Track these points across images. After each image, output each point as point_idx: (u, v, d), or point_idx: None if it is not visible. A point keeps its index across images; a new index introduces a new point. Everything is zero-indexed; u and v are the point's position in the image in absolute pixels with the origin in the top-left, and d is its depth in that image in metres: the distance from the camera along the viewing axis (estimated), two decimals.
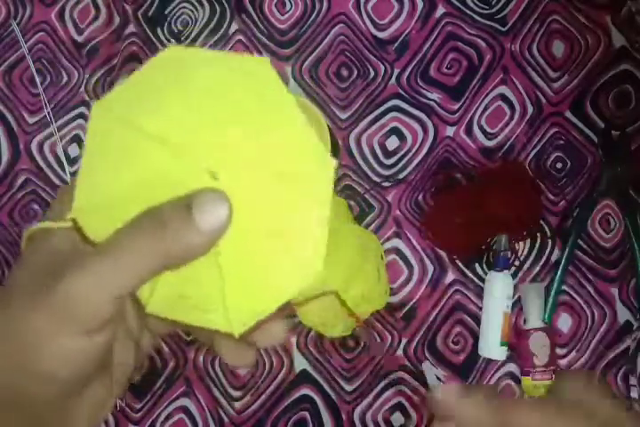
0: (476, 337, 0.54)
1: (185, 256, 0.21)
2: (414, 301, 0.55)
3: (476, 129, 0.57)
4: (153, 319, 0.25)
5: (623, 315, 0.54)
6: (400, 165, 0.57)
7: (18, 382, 0.21)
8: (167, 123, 0.23)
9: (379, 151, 0.57)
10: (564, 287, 0.54)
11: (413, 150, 0.57)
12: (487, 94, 0.57)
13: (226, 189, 0.22)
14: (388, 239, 0.56)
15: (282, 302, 0.23)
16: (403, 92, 0.57)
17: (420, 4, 0.58)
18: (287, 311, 0.23)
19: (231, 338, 0.23)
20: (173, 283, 0.23)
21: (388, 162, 0.57)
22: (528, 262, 0.55)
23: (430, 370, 0.54)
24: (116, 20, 0.60)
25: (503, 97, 0.57)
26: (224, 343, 0.25)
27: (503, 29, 0.57)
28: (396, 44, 0.58)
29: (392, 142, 0.57)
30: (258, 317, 0.23)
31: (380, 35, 0.58)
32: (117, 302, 0.21)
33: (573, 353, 0.54)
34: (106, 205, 0.23)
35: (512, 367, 0.54)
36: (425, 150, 0.57)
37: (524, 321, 0.54)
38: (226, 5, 0.60)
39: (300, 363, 0.55)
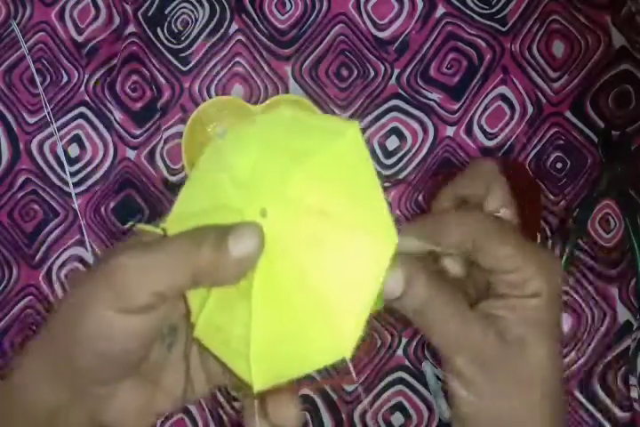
0: None
1: (213, 277, 0.23)
2: None
3: (476, 129, 0.57)
4: (212, 362, 0.27)
5: (623, 315, 0.54)
6: (400, 165, 0.57)
7: (65, 346, 0.23)
8: (245, 162, 0.24)
9: (379, 151, 0.57)
10: (564, 288, 0.54)
11: (413, 150, 0.57)
12: (487, 94, 0.57)
13: (273, 229, 0.23)
14: None
15: (305, 372, 0.22)
16: (403, 92, 0.57)
17: (419, 4, 0.58)
18: (307, 386, 0.24)
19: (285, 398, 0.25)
20: (214, 310, 0.24)
21: (388, 162, 0.57)
22: None
23: (430, 370, 0.54)
24: (116, 20, 0.60)
25: (503, 97, 0.57)
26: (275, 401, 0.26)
27: (503, 29, 0.57)
28: (396, 44, 0.58)
29: (392, 142, 0.57)
30: (278, 379, 0.23)
31: (380, 35, 0.58)
32: (152, 294, 0.22)
33: (573, 353, 0.54)
34: (185, 218, 0.25)
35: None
36: (425, 150, 0.57)
37: None
38: (226, 5, 0.60)
39: None
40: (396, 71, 0.58)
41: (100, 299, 0.22)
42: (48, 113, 0.60)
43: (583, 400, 0.53)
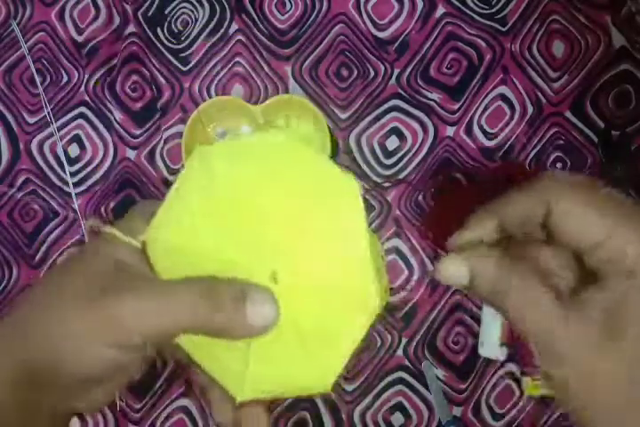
0: (476, 337, 0.54)
1: (221, 335, 0.23)
2: (414, 301, 0.55)
3: (476, 129, 0.57)
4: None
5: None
6: (400, 165, 0.57)
7: (50, 364, 0.23)
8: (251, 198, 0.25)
9: (379, 151, 0.57)
10: None
11: (413, 150, 0.57)
12: (487, 94, 0.57)
13: (281, 293, 0.24)
14: (388, 239, 0.56)
15: (290, 396, 0.25)
16: (403, 92, 0.57)
17: (419, 4, 0.58)
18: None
19: (222, 392, 0.25)
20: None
21: (388, 162, 0.57)
22: None
23: (430, 370, 0.54)
24: (116, 20, 0.60)
25: (503, 97, 0.57)
26: (215, 394, 0.27)
27: (503, 29, 0.57)
28: (396, 44, 0.58)
29: (392, 142, 0.57)
30: (262, 394, 0.25)
31: (380, 35, 0.58)
32: (151, 335, 0.23)
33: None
34: (176, 248, 0.25)
35: (512, 367, 0.54)
36: (425, 150, 0.57)
37: None
38: (226, 5, 0.60)
39: None
40: (396, 71, 0.58)
41: (93, 333, 0.22)
42: (48, 113, 0.60)
43: None
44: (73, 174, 0.59)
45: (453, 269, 0.24)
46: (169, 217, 0.25)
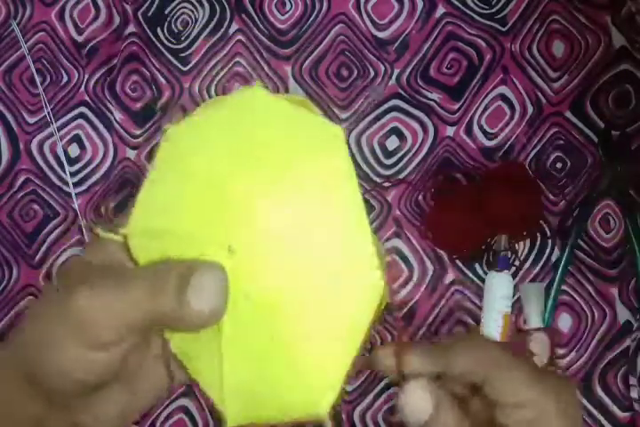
0: None
1: (174, 324, 0.22)
2: (414, 301, 0.55)
3: (476, 129, 0.57)
4: None
5: (623, 315, 0.54)
6: (400, 165, 0.57)
7: (39, 371, 0.23)
8: (213, 172, 0.23)
9: (379, 151, 0.57)
10: (564, 287, 0.54)
11: (413, 150, 0.57)
12: (487, 94, 0.57)
13: (240, 268, 0.22)
14: (388, 239, 0.56)
15: (281, 420, 0.22)
16: (403, 92, 0.57)
17: (419, 4, 0.58)
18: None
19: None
20: (184, 339, 0.23)
21: (388, 162, 0.57)
22: (528, 262, 0.55)
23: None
24: (116, 20, 0.60)
25: (503, 97, 0.57)
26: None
27: (503, 29, 0.57)
28: (396, 44, 0.58)
29: (392, 142, 0.57)
30: (253, 419, 0.22)
31: (380, 35, 0.58)
32: (116, 333, 0.22)
33: (573, 353, 0.54)
34: (147, 231, 0.24)
35: None
36: (425, 150, 0.57)
37: (524, 321, 0.54)
38: (226, 5, 0.60)
39: None
40: (396, 71, 0.58)
41: (66, 337, 0.22)
42: (48, 113, 0.60)
43: (583, 400, 0.53)
44: (73, 174, 0.59)
45: (418, 399, 0.24)
46: (144, 206, 0.24)
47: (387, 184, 0.57)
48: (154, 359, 0.26)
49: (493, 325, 0.53)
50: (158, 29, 0.60)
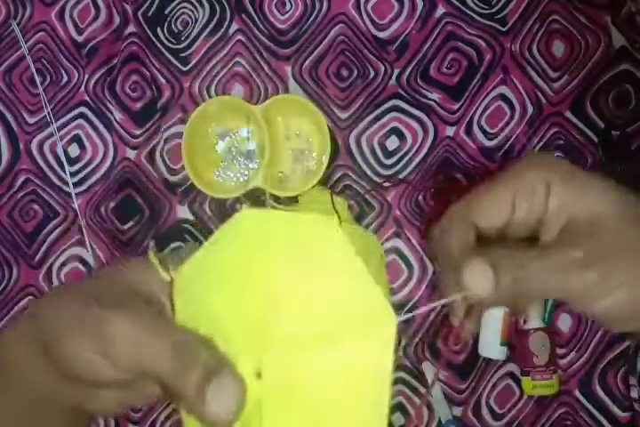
0: (476, 337, 0.54)
1: (184, 406, 0.22)
2: (414, 301, 0.55)
3: (476, 129, 0.57)
4: None
5: None
6: (400, 165, 0.57)
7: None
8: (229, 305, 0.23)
9: (379, 151, 0.57)
10: None
11: (413, 150, 0.57)
12: (487, 94, 0.57)
13: (267, 386, 0.22)
14: (388, 239, 0.56)
15: None
16: (403, 92, 0.57)
17: (419, 4, 0.58)
18: None
19: None
20: None
21: (388, 162, 0.57)
22: None
23: (430, 370, 0.54)
24: (116, 20, 0.60)
25: (503, 97, 0.57)
26: None
27: (503, 29, 0.57)
28: (396, 44, 0.58)
29: (392, 142, 0.57)
30: None
31: (380, 35, 0.58)
32: (134, 369, 0.22)
33: (573, 353, 0.54)
34: (196, 297, 0.24)
35: (512, 367, 0.54)
36: (425, 150, 0.57)
37: (524, 321, 0.54)
38: (226, 5, 0.60)
39: None
40: (396, 71, 0.58)
41: (89, 342, 0.22)
42: (48, 113, 0.60)
43: (583, 400, 0.53)
44: (73, 174, 0.59)
45: (479, 277, 0.25)
46: (197, 267, 0.24)
47: (387, 184, 0.57)
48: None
49: (493, 325, 0.53)
50: (158, 29, 0.60)
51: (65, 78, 0.60)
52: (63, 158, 0.59)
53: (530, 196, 0.28)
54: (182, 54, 0.60)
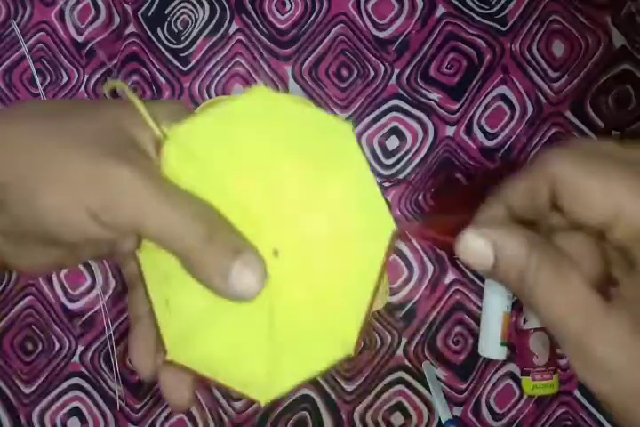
0: (476, 337, 0.54)
1: (196, 273, 0.21)
2: (414, 301, 0.55)
3: (476, 129, 0.57)
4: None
5: None
6: (400, 165, 0.57)
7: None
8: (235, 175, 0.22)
9: (379, 151, 0.57)
10: None
11: (413, 150, 0.57)
12: (487, 94, 0.57)
13: (284, 265, 0.22)
14: None
15: (310, 376, 0.23)
16: (403, 92, 0.57)
17: (419, 4, 0.58)
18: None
19: (176, 372, 0.23)
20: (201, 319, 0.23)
21: (388, 162, 0.57)
22: None
23: (430, 370, 0.54)
24: (116, 20, 0.60)
25: (503, 97, 0.57)
26: (168, 377, 0.23)
27: (503, 29, 0.57)
28: (396, 44, 0.58)
29: (392, 142, 0.57)
30: (285, 390, 0.23)
31: (380, 35, 0.58)
32: (135, 231, 0.20)
33: None
34: (196, 163, 0.22)
35: (512, 367, 0.54)
36: (425, 150, 0.57)
37: (524, 321, 0.54)
38: (226, 5, 0.60)
39: None
40: (396, 71, 0.58)
41: (83, 193, 0.19)
42: None
43: (583, 400, 0.53)
44: None
45: (476, 246, 0.20)
46: (199, 133, 0.22)
47: (387, 184, 0.57)
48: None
49: (493, 325, 0.53)
50: (158, 29, 0.60)
51: (65, 78, 0.60)
52: None
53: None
54: (182, 54, 0.60)
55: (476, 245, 0.20)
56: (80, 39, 0.61)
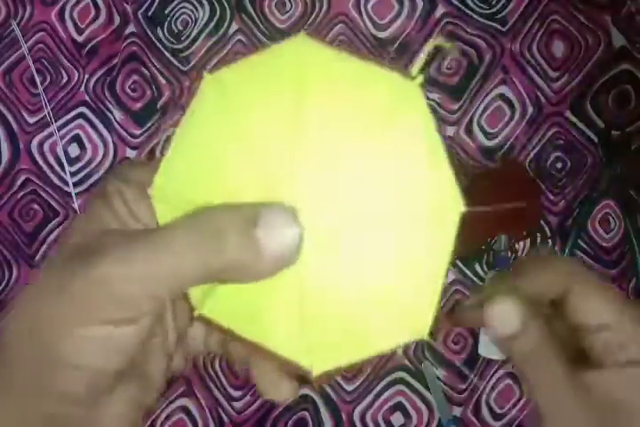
0: (476, 337, 0.54)
1: (239, 277, 0.18)
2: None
3: (476, 129, 0.57)
4: (192, 337, 0.24)
5: None
6: None
7: (45, 375, 0.18)
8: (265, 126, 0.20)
9: None
10: None
11: None
12: (487, 94, 0.57)
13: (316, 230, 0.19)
14: None
15: (369, 355, 0.20)
16: None
17: (419, 4, 0.58)
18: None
19: (273, 367, 0.21)
20: (242, 289, 0.20)
21: None
22: None
23: (430, 370, 0.54)
24: (116, 19, 0.60)
25: (503, 97, 0.57)
26: (264, 371, 0.22)
27: (503, 29, 0.57)
28: (395, 44, 0.58)
29: None
30: (339, 363, 0.20)
31: (380, 35, 0.58)
32: (150, 297, 0.18)
33: None
34: (181, 192, 0.20)
35: (512, 367, 0.54)
36: None
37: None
38: (226, 5, 0.60)
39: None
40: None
41: (77, 315, 0.18)
42: (48, 113, 0.60)
43: None
44: (73, 174, 0.59)
45: (507, 314, 0.22)
46: (171, 162, 0.20)
47: None
48: (157, 346, 0.22)
49: None
50: (158, 29, 0.60)
51: (65, 78, 0.60)
52: (63, 158, 0.59)
53: None
54: (182, 54, 0.60)
55: (509, 312, 0.22)
56: (80, 39, 0.61)
